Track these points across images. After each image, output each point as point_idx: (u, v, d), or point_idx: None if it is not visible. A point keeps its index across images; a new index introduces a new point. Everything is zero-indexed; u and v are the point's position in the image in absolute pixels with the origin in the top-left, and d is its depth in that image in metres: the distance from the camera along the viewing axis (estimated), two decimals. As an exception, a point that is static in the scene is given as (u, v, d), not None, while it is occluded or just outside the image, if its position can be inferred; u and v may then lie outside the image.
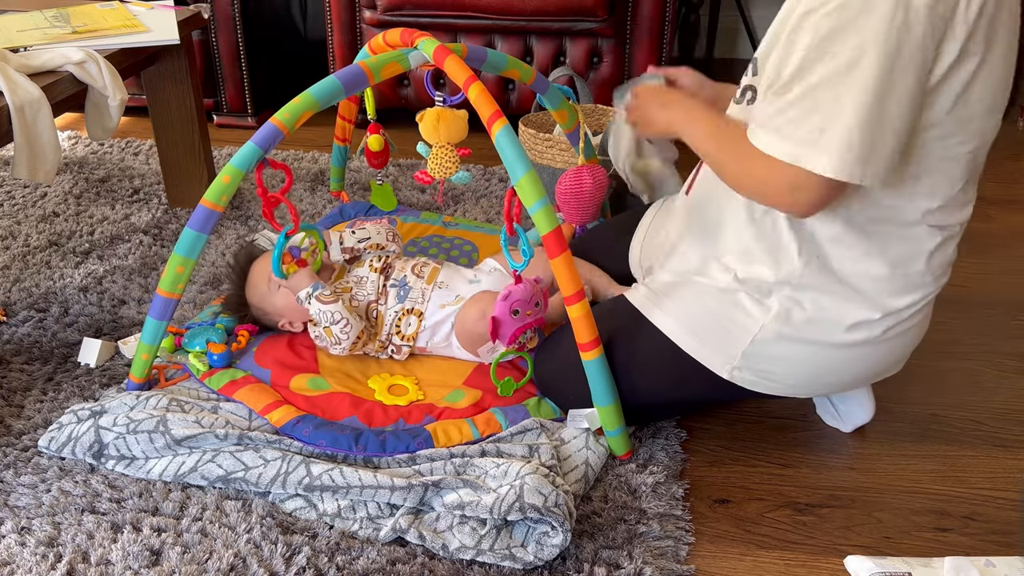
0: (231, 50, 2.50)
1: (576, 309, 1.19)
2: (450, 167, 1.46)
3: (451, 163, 1.46)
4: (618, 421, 1.24)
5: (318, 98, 1.30)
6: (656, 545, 1.12)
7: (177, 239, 1.30)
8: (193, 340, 1.42)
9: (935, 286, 1.17)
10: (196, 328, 1.45)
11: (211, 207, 1.28)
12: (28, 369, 1.44)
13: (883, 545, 1.15)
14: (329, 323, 1.38)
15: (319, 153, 2.34)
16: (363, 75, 1.33)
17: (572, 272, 1.19)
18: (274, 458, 1.19)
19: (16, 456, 1.24)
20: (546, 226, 1.18)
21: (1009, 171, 2.38)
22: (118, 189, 2.12)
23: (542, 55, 2.43)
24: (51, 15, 1.74)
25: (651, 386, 1.27)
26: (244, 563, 1.06)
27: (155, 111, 1.94)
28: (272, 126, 1.28)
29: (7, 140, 1.41)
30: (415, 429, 1.27)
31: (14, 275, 1.72)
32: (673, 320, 1.23)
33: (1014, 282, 1.81)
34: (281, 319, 1.48)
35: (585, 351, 1.21)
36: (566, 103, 1.61)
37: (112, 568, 1.06)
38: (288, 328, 1.48)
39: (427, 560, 1.09)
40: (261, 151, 1.28)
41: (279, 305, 1.46)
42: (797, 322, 1.16)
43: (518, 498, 1.07)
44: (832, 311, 1.15)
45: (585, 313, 1.19)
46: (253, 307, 1.50)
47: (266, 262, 1.48)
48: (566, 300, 1.20)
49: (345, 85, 1.32)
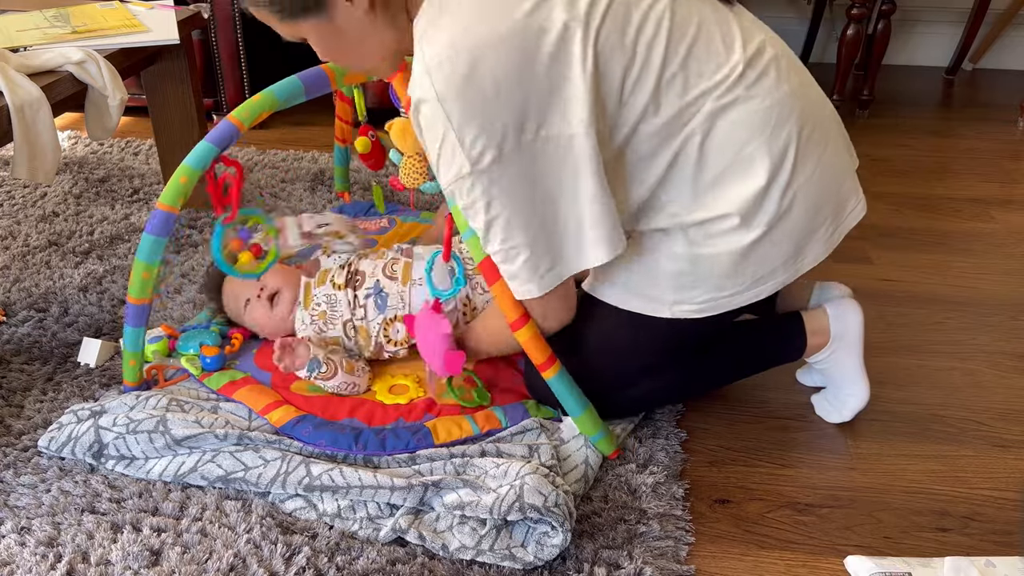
0: (231, 50, 2.50)
1: (523, 333, 1.16)
2: (418, 177, 1.46)
3: (419, 174, 1.46)
4: (596, 426, 1.23)
5: (279, 96, 1.31)
6: (656, 545, 1.12)
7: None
8: (187, 343, 1.42)
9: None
10: (190, 331, 1.44)
11: (168, 209, 1.24)
12: (28, 369, 1.44)
13: (883, 545, 1.15)
14: (338, 392, 1.36)
15: (319, 153, 2.34)
16: (325, 78, 1.35)
17: (510, 297, 1.14)
18: (274, 458, 1.19)
19: (16, 456, 1.24)
20: (480, 253, 1.13)
21: (1009, 171, 2.38)
22: (118, 189, 2.12)
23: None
24: (51, 15, 1.74)
25: (616, 359, 1.26)
26: (244, 563, 1.06)
27: (155, 111, 1.94)
28: (228, 123, 1.27)
29: (7, 140, 1.41)
30: (414, 425, 1.27)
31: (14, 275, 1.72)
32: (618, 289, 1.22)
33: (1014, 282, 1.81)
34: (261, 333, 1.48)
35: (544, 369, 1.19)
36: None
37: (112, 568, 1.06)
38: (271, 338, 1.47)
39: (427, 560, 1.09)
40: (217, 149, 1.26)
41: (252, 322, 1.47)
42: (698, 239, 1.15)
43: (518, 498, 1.07)
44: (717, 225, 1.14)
45: (533, 335, 1.16)
46: (232, 317, 1.51)
47: (231, 284, 1.47)
48: (512, 325, 1.16)
49: (306, 86, 1.33)
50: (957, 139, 2.62)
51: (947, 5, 3.25)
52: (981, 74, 3.30)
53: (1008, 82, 3.20)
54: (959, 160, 2.46)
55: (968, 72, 3.32)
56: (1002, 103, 2.93)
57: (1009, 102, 2.90)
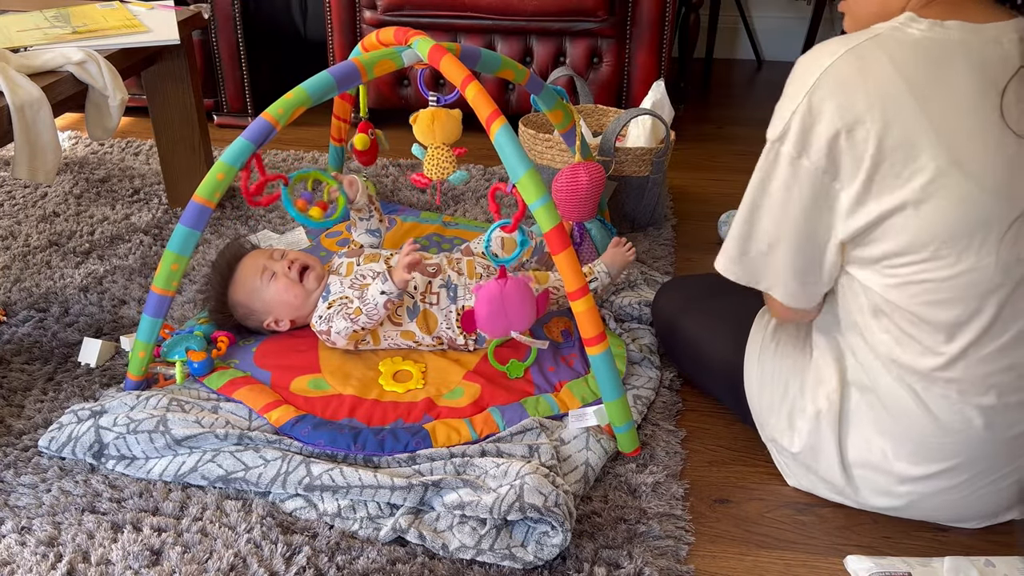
0: (231, 50, 2.50)
1: (580, 304, 1.19)
2: (447, 167, 1.46)
3: (448, 163, 1.46)
4: (627, 416, 1.24)
5: (311, 93, 1.30)
6: (656, 545, 1.12)
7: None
8: (173, 350, 1.40)
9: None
10: (175, 337, 1.42)
11: (203, 203, 1.27)
12: (28, 369, 1.44)
13: (883, 545, 1.15)
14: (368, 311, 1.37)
15: (319, 153, 2.34)
16: (356, 71, 1.33)
17: (576, 268, 1.19)
18: (274, 458, 1.19)
19: (16, 456, 1.24)
20: (548, 223, 1.19)
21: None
22: (118, 189, 2.12)
23: (542, 55, 2.43)
24: (51, 15, 1.75)
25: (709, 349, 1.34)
26: (244, 563, 1.06)
27: (155, 111, 1.94)
28: (264, 121, 1.28)
29: (7, 140, 1.41)
30: (413, 427, 1.27)
31: (14, 275, 1.72)
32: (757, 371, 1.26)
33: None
34: (268, 317, 1.47)
35: (590, 345, 1.21)
36: (560, 103, 1.61)
37: (112, 568, 1.06)
38: (273, 327, 1.47)
39: (427, 560, 1.09)
40: (253, 146, 1.28)
41: (268, 299, 1.45)
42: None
43: (518, 498, 1.07)
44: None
45: (589, 308, 1.20)
46: (239, 306, 1.47)
47: (256, 257, 1.48)
48: (570, 296, 1.20)
49: (338, 80, 1.32)
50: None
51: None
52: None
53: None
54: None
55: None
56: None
57: (1009, 102, 2.89)
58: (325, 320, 1.40)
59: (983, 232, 0.98)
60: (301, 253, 1.51)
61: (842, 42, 1.00)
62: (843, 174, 1.00)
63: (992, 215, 0.98)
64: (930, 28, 0.98)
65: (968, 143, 0.97)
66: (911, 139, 0.96)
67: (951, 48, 0.98)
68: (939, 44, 0.98)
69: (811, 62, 1.01)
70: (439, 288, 1.44)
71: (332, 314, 1.40)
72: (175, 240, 1.28)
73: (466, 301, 1.44)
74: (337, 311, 1.39)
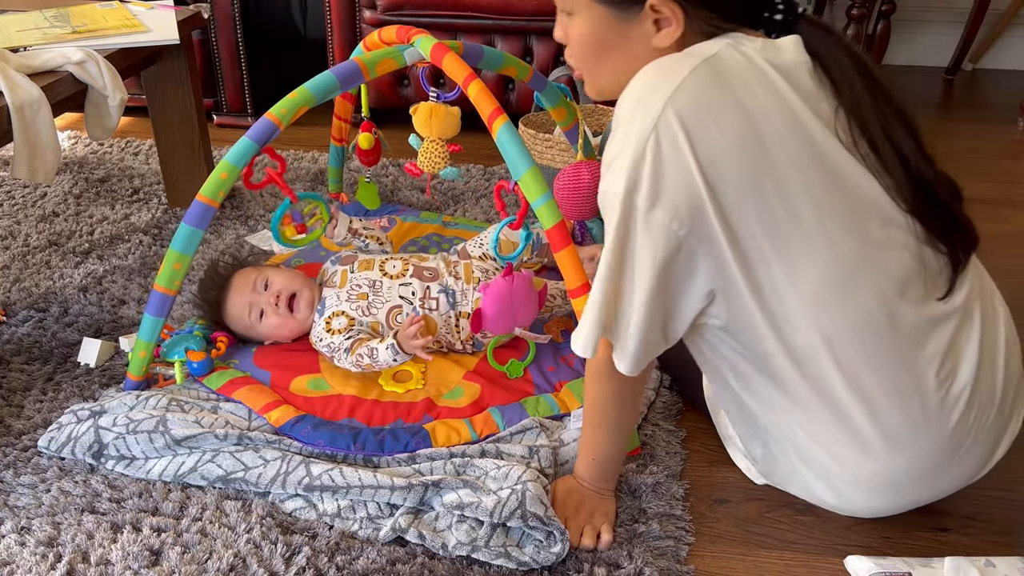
0: (231, 50, 2.50)
1: (582, 302, 1.19)
2: (439, 162, 1.46)
3: (440, 158, 1.46)
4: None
5: (314, 93, 1.30)
6: (656, 545, 1.12)
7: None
8: (172, 350, 1.39)
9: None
10: (174, 337, 1.41)
11: (207, 202, 1.28)
12: (28, 369, 1.44)
13: (883, 545, 1.15)
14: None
15: (319, 153, 2.34)
16: (358, 70, 1.34)
17: (577, 265, 1.19)
18: (274, 458, 1.19)
19: (16, 456, 1.24)
20: (550, 220, 1.19)
21: (1009, 171, 2.38)
22: (118, 189, 2.12)
23: (542, 55, 2.43)
24: (51, 15, 1.74)
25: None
26: (244, 563, 1.06)
27: (155, 111, 1.94)
28: (268, 121, 1.29)
29: (7, 140, 1.41)
30: (413, 427, 1.27)
31: (14, 275, 1.72)
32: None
33: (1015, 282, 1.80)
34: (268, 340, 1.47)
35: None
36: (564, 101, 1.62)
37: (112, 568, 1.06)
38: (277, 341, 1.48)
39: (427, 560, 1.09)
40: (257, 146, 1.28)
41: (265, 334, 1.46)
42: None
43: (520, 504, 1.07)
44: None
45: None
46: (238, 331, 1.48)
47: (241, 293, 1.45)
48: (571, 293, 1.21)
49: (341, 80, 1.32)
50: (957, 139, 2.62)
51: (947, 5, 3.25)
52: (981, 74, 3.30)
53: (1008, 82, 3.20)
54: (959, 160, 2.46)
55: (968, 72, 3.32)
56: (1002, 103, 2.93)
57: (1009, 102, 2.90)
58: (328, 349, 1.40)
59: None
60: (284, 277, 1.45)
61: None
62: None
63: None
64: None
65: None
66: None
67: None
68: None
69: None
70: (438, 294, 1.44)
71: (338, 350, 1.38)
72: (179, 239, 1.28)
73: (463, 307, 1.43)
74: (344, 356, 1.37)
